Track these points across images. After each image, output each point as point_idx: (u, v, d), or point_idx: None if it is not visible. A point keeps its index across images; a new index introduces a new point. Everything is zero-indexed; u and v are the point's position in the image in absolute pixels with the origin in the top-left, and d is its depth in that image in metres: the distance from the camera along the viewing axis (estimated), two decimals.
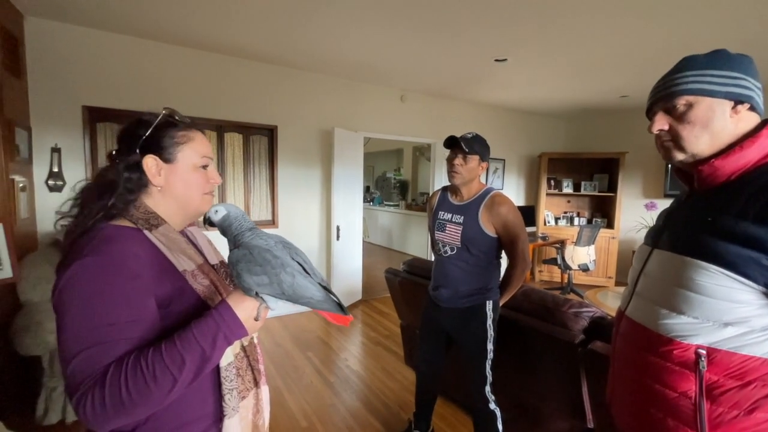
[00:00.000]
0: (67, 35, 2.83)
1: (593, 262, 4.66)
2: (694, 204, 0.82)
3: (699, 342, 0.73)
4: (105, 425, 0.59)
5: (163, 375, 0.59)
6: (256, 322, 0.69)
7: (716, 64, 0.77)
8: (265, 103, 3.72)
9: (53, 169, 2.83)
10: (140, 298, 0.64)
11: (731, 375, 0.72)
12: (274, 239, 0.72)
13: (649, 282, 0.85)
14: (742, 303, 0.69)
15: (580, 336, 1.57)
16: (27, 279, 2.24)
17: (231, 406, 0.73)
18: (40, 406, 2.01)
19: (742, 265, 0.68)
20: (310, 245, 4.13)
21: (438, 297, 1.75)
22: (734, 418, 0.72)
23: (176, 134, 0.75)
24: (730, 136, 0.77)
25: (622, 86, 4.21)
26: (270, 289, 0.66)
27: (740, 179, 0.74)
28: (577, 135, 6.28)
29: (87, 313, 0.60)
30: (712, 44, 2.87)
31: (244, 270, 0.65)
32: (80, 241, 0.66)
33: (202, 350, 0.62)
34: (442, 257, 1.74)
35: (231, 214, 0.73)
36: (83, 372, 0.59)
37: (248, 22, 2.76)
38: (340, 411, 2.32)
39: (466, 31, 2.82)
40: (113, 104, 3.01)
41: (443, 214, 1.74)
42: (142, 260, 0.66)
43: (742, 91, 0.75)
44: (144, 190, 0.74)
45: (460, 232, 1.67)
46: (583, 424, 1.59)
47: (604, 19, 2.57)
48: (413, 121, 4.74)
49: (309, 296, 0.69)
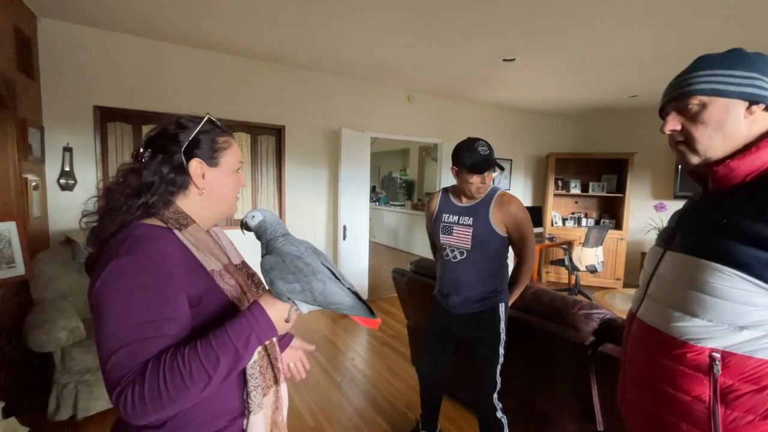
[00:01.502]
0: (79, 36, 2.87)
1: (601, 264, 4.62)
2: (708, 205, 0.80)
3: (713, 345, 0.72)
4: (143, 419, 0.61)
5: (199, 372, 0.61)
6: (287, 323, 0.71)
7: (731, 63, 0.75)
8: (273, 103, 3.73)
9: (65, 168, 2.87)
10: (175, 296, 0.65)
11: (746, 379, 0.70)
12: (305, 245, 0.73)
13: (662, 284, 0.84)
14: (758, 306, 0.68)
15: (590, 338, 1.55)
16: (39, 276, 2.28)
17: (256, 403, 0.75)
18: (51, 402, 2.03)
19: (757, 267, 0.66)
20: (317, 245, 4.13)
21: (448, 304, 1.71)
22: (749, 422, 0.70)
23: (219, 140, 0.78)
24: (744, 137, 0.75)
25: (631, 86, 4.16)
26: (302, 296, 0.68)
27: (756, 180, 0.72)
28: (585, 135, 6.23)
29: (126, 311, 0.61)
30: (724, 43, 2.84)
31: (277, 277, 0.67)
32: (113, 240, 0.68)
33: (235, 350, 0.64)
34: (450, 263, 1.68)
35: (267, 219, 0.75)
36: (123, 368, 0.60)
37: (257, 23, 2.77)
38: (346, 410, 2.32)
39: (474, 31, 2.81)
40: (124, 104, 3.05)
41: (448, 216, 1.68)
42: (175, 259, 0.68)
43: (757, 91, 0.73)
44: (182, 192, 0.76)
45: (470, 233, 1.62)
46: (593, 426, 1.58)
47: (612, 19, 2.55)
48: (420, 121, 4.74)
49: (339, 302, 0.71)
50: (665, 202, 5.21)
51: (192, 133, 0.75)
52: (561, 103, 5.11)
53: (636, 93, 4.44)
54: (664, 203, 5.20)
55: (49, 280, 2.30)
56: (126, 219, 0.70)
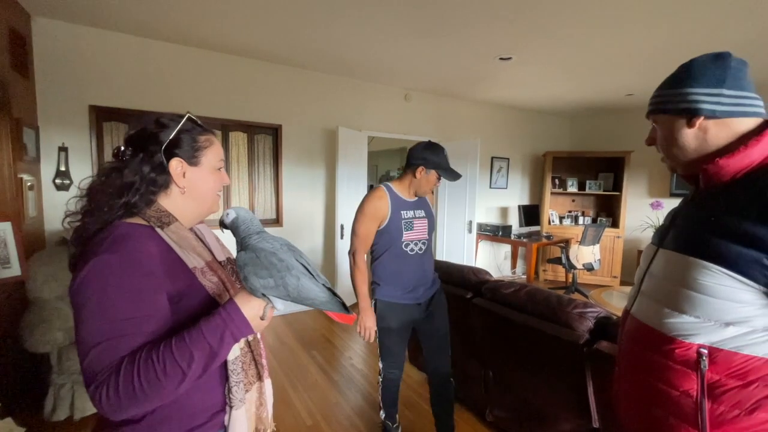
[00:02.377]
0: (74, 35, 2.85)
1: (598, 262, 4.64)
2: (699, 203, 0.82)
3: (701, 341, 0.74)
4: (118, 414, 0.62)
5: (173, 369, 0.62)
6: (262, 321, 0.71)
7: (671, 80, 0.81)
8: (270, 102, 3.73)
9: (60, 168, 2.86)
10: (154, 294, 0.67)
11: (733, 375, 0.72)
12: (280, 242, 0.74)
13: (654, 281, 0.85)
14: (744, 303, 0.70)
15: (585, 336, 1.56)
16: (35, 277, 2.26)
17: (238, 398, 0.76)
18: (48, 403, 2.03)
19: (743, 264, 0.68)
20: (315, 244, 4.14)
21: (416, 296, 1.74)
22: (735, 417, 0.72)
23: (199, 138, 0.79)
24: (701, 146, 0.79)
25: (627, 85, 4.18)
26: (276, 292, 0.69)
27: (745, 178, 0.74)
28: (582, 134, 6.24)
29: (104, 308, 0.63)
30: (718, 42, 2.86)
31: (250, 273, 0.68)
32: (95, 239, 0.69)
33: (210, 347, 0.64)
34: (413, 257, 1.72)
35: (240, 217, 0.75)
36: (99, 363, 0.62)
37: (253, 22, 2.77)
38: (344, 409, 2.33)
39: (471, 30, 2.81)
40: (120, 104, 3.03)
41: (406, 212, 1.71)
42: (155, 257, 0.69)
43: (691, 105, 0.77)
44: (164, 191, 0.76)
45: (426, 224, 1.76)
46: (589, 423, 1.59)
47: (609, 18, 2.55)
48: (417, 120, 4.74)
49: (313, 297, 0.71)
50: (661, 200, 5.22)
51: (172, 133, 0.75)
52: (558, 101, 5.12)
53: (632, 92, 4.45)
54: (660, 201, 5.22)
55: (45, 280, 2.29)
56: (108, 218, 0.71)
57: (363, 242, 1.71)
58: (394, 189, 1.74)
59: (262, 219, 3.82)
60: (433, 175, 1.68)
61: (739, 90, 0.75)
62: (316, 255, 4.16)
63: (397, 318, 1.73)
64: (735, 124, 0.76)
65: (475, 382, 2.14)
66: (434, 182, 1.71)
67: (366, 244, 1.72)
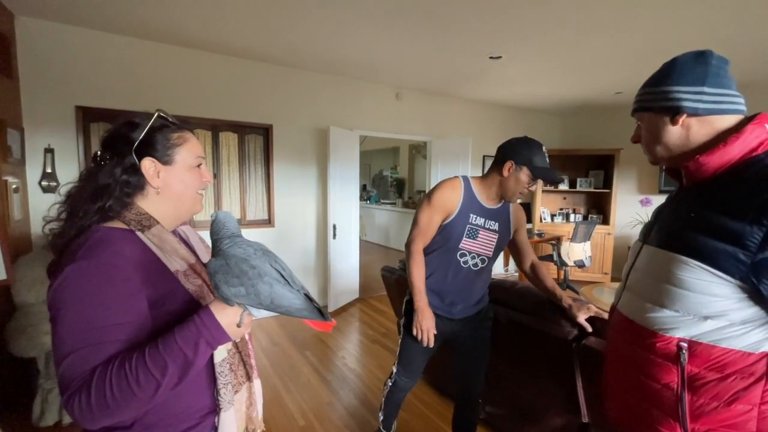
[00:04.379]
0: (59, 35, 2.80)
1: (589, 259, 4.69)
2: (681, 200, 0.84)
3: (680, 335, 0.76)
4: (92, 424, 0.61)
5: (147, 379, 0.60)
6: (239, 328, 0.69)
7: (654, 79, 0.83)
8: (260, 102, 3.70)
9: (47, 169, 2.81)
10: (130, 300, 0.65)
11: (711, 367, 0.74)
12: (254, 247, 0.71)
13: (638, 277, 0.88)
14: (720, 296, 0.71)
15: (573, 332, 1.58)
16: (21, 281, 2.23)
17: (226, 400, 0.75)
18: (36, 408, 2.00)
19: (719, 259, 0.70)
20: (307, 244, 4.13)
21: (451, 311, 1.56)
22: (714, 409, 0.74)
23: (172, 136, 0.76)
24: (684, 143, 0.81)
25: (616, 83, 4.22)
26: (247, 300, 0.66)
27: (726, 174, 0.75)
28: (572, 131, 6.30)
29: (78, 316, 0.62)
30: (705, 40, 2.89)
31: (221, 281, 0.65)
32: (73, 244, 0.68)
33: (184, 355, 0.63)
34: (466, 270, 1.50)
35: (218, 219, 0.72)
36: (73, 373, 0.61)
37: (242, 21, 2.75)
38: (337, 409, 2.33)
39: (461, 29, 2.82)
40: (107, 104, 2.99)
41: (476, 218, 1.47)
42: (134, 262, 0.67)
43: (674, 104, 0.78)
44: (140, 192, 0.75)
45: (495, 240, 1.49)
46: (578, 419, 1.61)
47: (597, 16, 2.58)
48: (409, 119, 4.74)
49: (287, 305, 0.69)
50: (650, 196, 5.30)
51: (142, 132, 0.73)
52: (548, 99, 5.15)
53: (621, 90, 4.50)
54: (649, 198, 5.29)
55: (32, 284, 2.25)
56: (84, 224, 0.70)
57: (423, 233, 1.48)
58: (473, 186, 1.49)
59: (253, 220, 3.80)
60: (525, 173, 1.40)
61: (720, 88, 0.76)
62: (308, 255, 4.14)
63: None
64: (716, 121, 0.78)
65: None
66: (525, 183, 1.42)
67: (426, 236, 1.49)
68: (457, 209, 1.46)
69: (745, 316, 0.71)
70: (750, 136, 0.73)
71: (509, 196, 1.46)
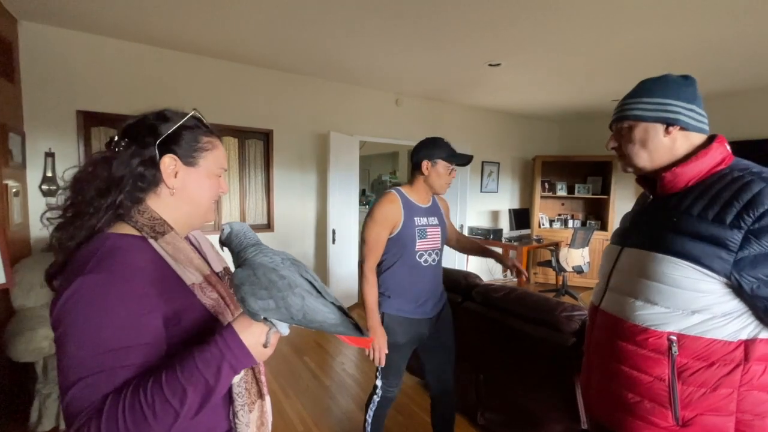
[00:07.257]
0: (61, 40, 2.82)
1: (587, 264, 4.70)
2: (659, 206, 0.92)
3: (670, 329, 0.83)
4: None
5: (164, 409, 0.54)
6: (265, 348, 0.62)
7: (652, 91, 0.90)
8: (261, 107, 3.72)
9: (47, 173, 2.82)
10: (145, 319, 0.59)
11: (698, 357, 0.81)
12: (281, 256, 0.65)
13: (623, 277, 0.94)
14: (706, 292, 0.79)
15: (571, 339, 1.59)
16: (20, 285, 2.23)
17: (244, 422, 0.70)
18: (33, 413, 1.99)
19: (705, 258, 0.78)
20: (306, 249, 4.13)
21: (425, 311, 1.62)
22: (702, 395, 0.81)
23: (201, 139, 0.72)
24: (668, 153, 0.90)
25: (613, 90, 4.26)
26: (277, 314, 0.60)
27: (698, 185, 0.85)
28: (570, 138, 6.34)
29: (88, 338, 0.55)
30: (700, 48, 2.93)
31: (248, 294, 0.59)
32: (82, 251, 0.62)
33: (205, 381, 0.56)
34: (425, 268, 1.59)
35: (234, 230, 0.68)
36: (81, 402, 0.54)
37: (243, 27, 2.77)
38: (336, 415, 2.32)
39: (460, 36, 2.85)
40: (108, 109, 3.01)
41: (420, 219, 1.59)
42: (149, 276, 0.61)
43: (671, 115, 0.87)
44: (153, 190, 0.69)
45: (440, 233, 1.64)
46: (577, 425, 1.61)
47: (595, 25, 2.61)
48: (408, 125, 4.77)
49: (321, 320, 0.62)
50: None
51: (173, 126, 0.68)
52: (546, 106, 5.19)
53: (617, 97, 4.54)
54: None
55: (31, 288, 2.25)
56: (95, 224, 0.63)
57: (373, 251, 1.56)
58: (405, 193, 1.62)
59: (252, 225, 3.80)
60: (441, 165, 1.57)
61: (701, 109, 0.89)
62: (307, 261, 4.14)
63: (406, 333, 1.59)
64: (693, 137, 0.89)
65: (466, 385, 2.15)
66: (446, 174, 1.58)
67: (376, 254, 1.57)
68: (401, 218, 1.56)
69: (726, 309, 0.79)
70: (716, 152, 0.86)
71: (437, 189, 1.61)
